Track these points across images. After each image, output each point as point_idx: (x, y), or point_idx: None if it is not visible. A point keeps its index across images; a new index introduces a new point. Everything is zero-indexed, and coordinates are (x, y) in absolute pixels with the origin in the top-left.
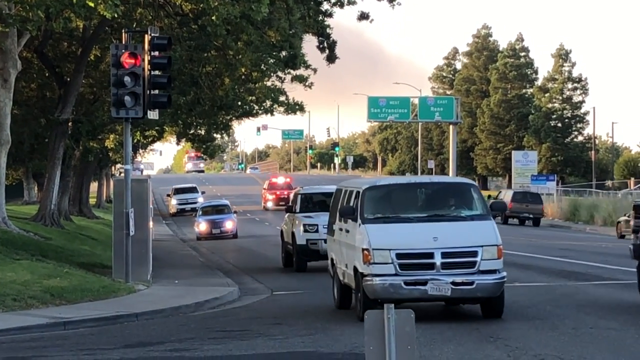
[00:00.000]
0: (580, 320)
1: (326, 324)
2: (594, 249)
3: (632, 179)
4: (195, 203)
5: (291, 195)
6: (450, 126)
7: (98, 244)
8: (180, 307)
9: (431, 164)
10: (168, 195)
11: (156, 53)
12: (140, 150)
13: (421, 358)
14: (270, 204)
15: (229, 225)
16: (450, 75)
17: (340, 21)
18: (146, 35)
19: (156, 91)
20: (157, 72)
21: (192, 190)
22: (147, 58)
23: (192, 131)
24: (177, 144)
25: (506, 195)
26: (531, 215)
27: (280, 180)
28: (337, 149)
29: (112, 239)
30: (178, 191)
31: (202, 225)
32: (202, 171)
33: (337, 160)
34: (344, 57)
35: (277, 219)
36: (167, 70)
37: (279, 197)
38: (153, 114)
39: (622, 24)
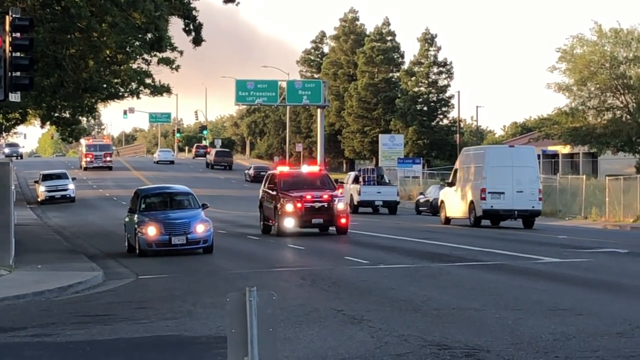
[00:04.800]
0: (443, 301)
1: (191, 307)
2: (458, 231)
3: None
4: (65, 190)
5: (338, 205)
6: (318, 110)
7: None
8: (43, 292)
9: (299, 148)
10: (36, 182)
11: (18, 34)
12: (4, 134)
13: (286, 340)
14: (289, 224)
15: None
16: (318, 59)
17: (213, 3)
18: (7, 16)
19: (18, 73)
20: (18, 54)
21: (62, 176)
22: (8, 39)
23: (56, 114)
24: (42, 127)
25: (213, 152)
26: (225, 164)
27: (306, 169)
28: (205, 132)
29: None
30: (46, 177)
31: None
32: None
33: (205, 144)
34: (215, 40)
35: None
36: (29, 52)
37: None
38: (15, 96)
39: (485, 9)
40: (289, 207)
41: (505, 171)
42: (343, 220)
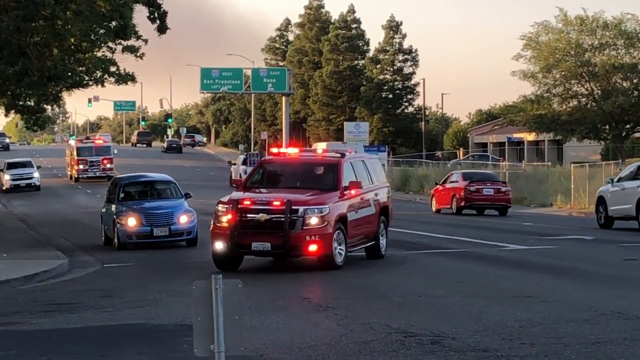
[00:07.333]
0: (408, 288)
1: (157, 295)
2: (422, 218)
3: (461, 149)
4: (31, 178)
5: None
6: (283, 97)
7: None
8: (9, 281)
9: (264, 135)
10: (0, 170)
11: None
12: None
13: (252, 328)
14: (219, 248)
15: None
16: (283, 47)
17: None
18: None
19: None
20: None
21: (27, 164)
22: None
23: (21, 102)
24: (6, 115)
25: (135, 133)
26: (146, 142)
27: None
28: (169, 120)
29: None
30: (11, 166)
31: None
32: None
33: (170, 132)
34: (180, 28)
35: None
36: None
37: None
38: None
39: None
40: (220, 219)
41: None
42: (312, 247)
